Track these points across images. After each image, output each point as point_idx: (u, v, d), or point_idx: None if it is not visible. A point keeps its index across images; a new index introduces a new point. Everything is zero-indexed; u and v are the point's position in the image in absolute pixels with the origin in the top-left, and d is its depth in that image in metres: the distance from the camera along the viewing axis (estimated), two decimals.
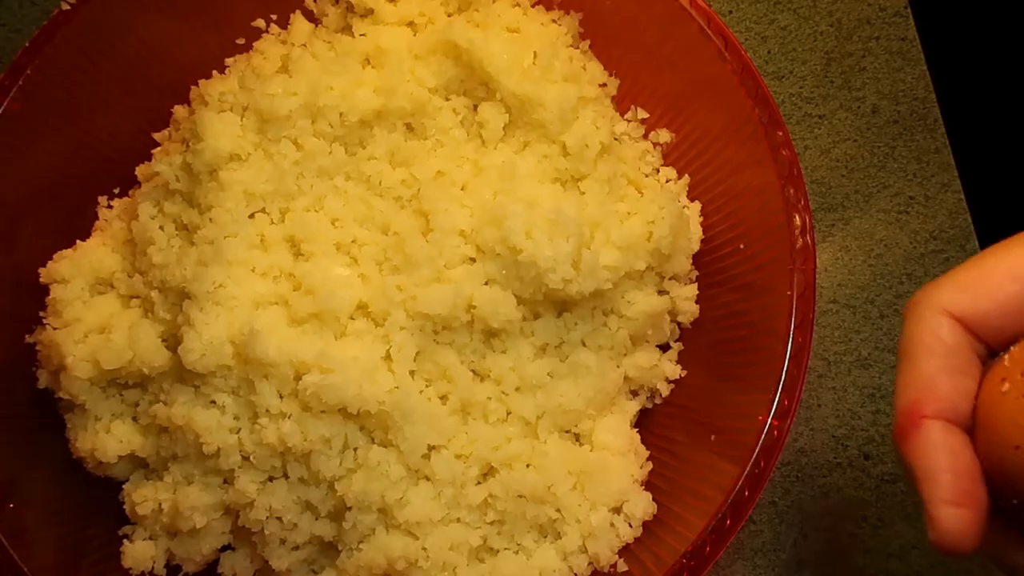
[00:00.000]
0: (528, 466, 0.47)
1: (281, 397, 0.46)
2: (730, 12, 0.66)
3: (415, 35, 0.54)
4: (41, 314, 0.52)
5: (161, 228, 0.52)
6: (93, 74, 0.54)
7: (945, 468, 0.26)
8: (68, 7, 0.52)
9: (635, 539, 0.48)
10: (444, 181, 0.50)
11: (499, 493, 0.46)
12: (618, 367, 0.50)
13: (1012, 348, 0.27)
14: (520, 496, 0.47)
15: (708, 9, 0.50)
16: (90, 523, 0.51)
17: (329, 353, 0.46)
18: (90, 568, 0.49)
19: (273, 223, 0.51)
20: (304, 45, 0.56)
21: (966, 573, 0.53)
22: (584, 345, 0.50)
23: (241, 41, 0.59)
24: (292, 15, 0.59)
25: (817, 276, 0.46)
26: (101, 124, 0.55)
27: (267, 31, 0.59)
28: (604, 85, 0.56)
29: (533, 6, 0.56)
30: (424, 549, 0.46)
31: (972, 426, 0.27)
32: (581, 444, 0.49)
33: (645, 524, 0.48)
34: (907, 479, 0.27)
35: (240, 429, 0.47)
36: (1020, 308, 0.26)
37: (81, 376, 0.48)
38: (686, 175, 0.55)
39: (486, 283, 0.48)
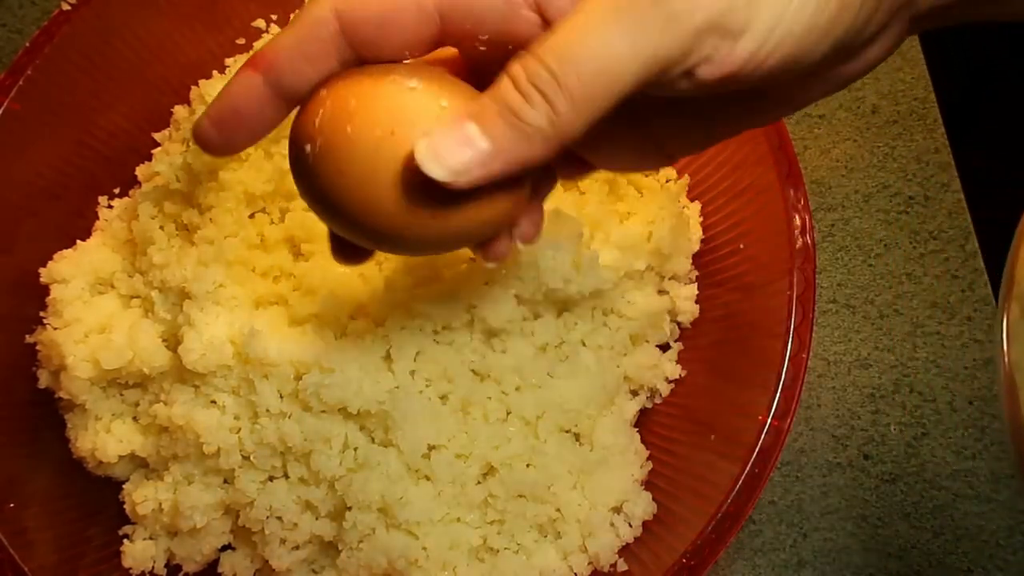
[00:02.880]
0: (528, 466, 0.47)
1: (281, 397, 0.46)
2: None
3: None
4: (41, 314, 0.52)
5: (161, 228, 0.52)
6: (93, 74, 0.54)
7: (230, 101, 0.31)
8: (68, 7, 0.52)
9: (635, 539, 0.48)
10: None
11: (499, 493, 0.46)
12: (618, 367, 0.50)
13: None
14: (520, 496, 0.47)
15: None
16: (90, 523, 0.51)
17: (329, 353, 0.46)
18: (90, 568, 0.49)
19: (273, 223, 0.51)
20: None
21: (966, 573, 0.53)
22: (584, 345, 0.50)
23: (241, 41, 0.59)
24: (292, 15, 0.59)
25: (817, 276, 0.46)
26: (101, 124, 0.55)
27: (267, 31, 0.59)
28: None
29: None
30: (424, 549, 0.46)
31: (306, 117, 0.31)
32: (581, 444, 0.49)
33: (645, 524, 0.48)
34: None
35: (240, 429, 0.47)
36: (387, 24, 0.30)
37: (81, 376, 0.48)
38: (686, 175, 0.55)
39: (486, 283, 0.48)
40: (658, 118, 0.33)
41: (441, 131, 0.27)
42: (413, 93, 0.29)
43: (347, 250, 0.37)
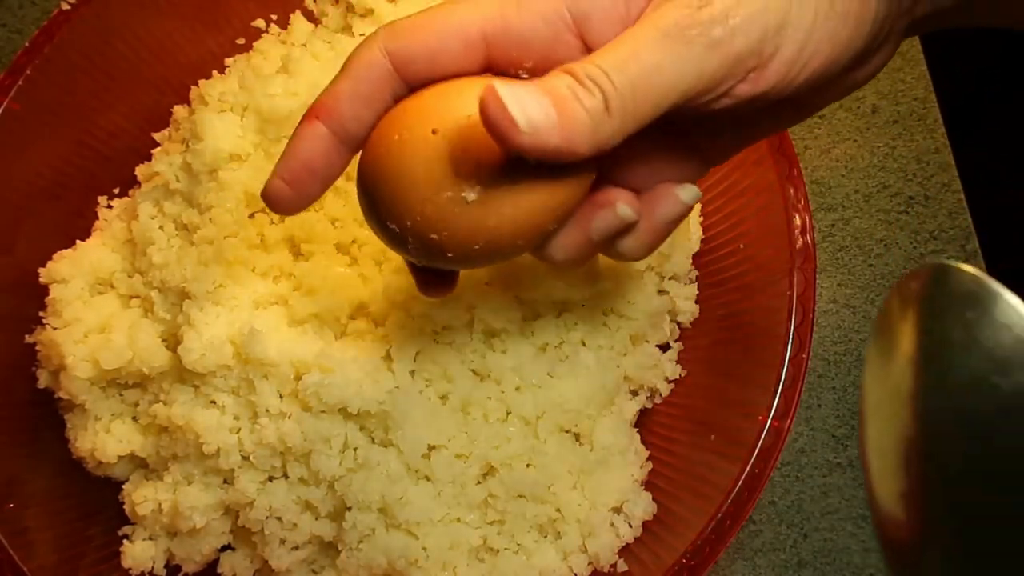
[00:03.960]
0: (528, 466, 0.47)
1: (281, 397, 0.46)
2: None
3: None
4: (41, 314, 0.52)
5: (161, 228, 0.52)
6: (93, 74, 0.54)
7: (300, 156, 0.32)
8: (68, 7, 0.52)
9: (635, 539, 0.48)
10: None
11: (499, 493, 0.46)
12: (618, 367, 0.50)
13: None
14: (520, 496, 0.47)
15: None
16: (90, 523, 0.50)
17: (329, 353, 0.46)
18: (90, 568, 0.49)
19: (273, 223, 0.51)
20: (304, 45, 0.56)
21: None
22: (584, 345, 0.50)
23: (241, 41, 0.59)
24: (292, 15, 0.59)
25: (817, 276, 0.46)
26: (101, 124, 0.55)
27: (267, 31, 0.59)
28: None
29: None
30: (424, 549, 0.46)
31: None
32: (581, 444, 0.49)
33: (645, 524, 0.48)
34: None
35: (240, 429, 0.47)
36: (436, 58, 0.31)
37: (81, 376, 0.48)
38: None
39: (486, 283, 0.48)
40: (692, 127, 0.34)
41: (523, 87, 0.27)
42: (460, 95, 0.30)
43: (431, 281, 0.38)
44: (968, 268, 0.22)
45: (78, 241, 0.54)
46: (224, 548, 0.50)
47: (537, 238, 0.32)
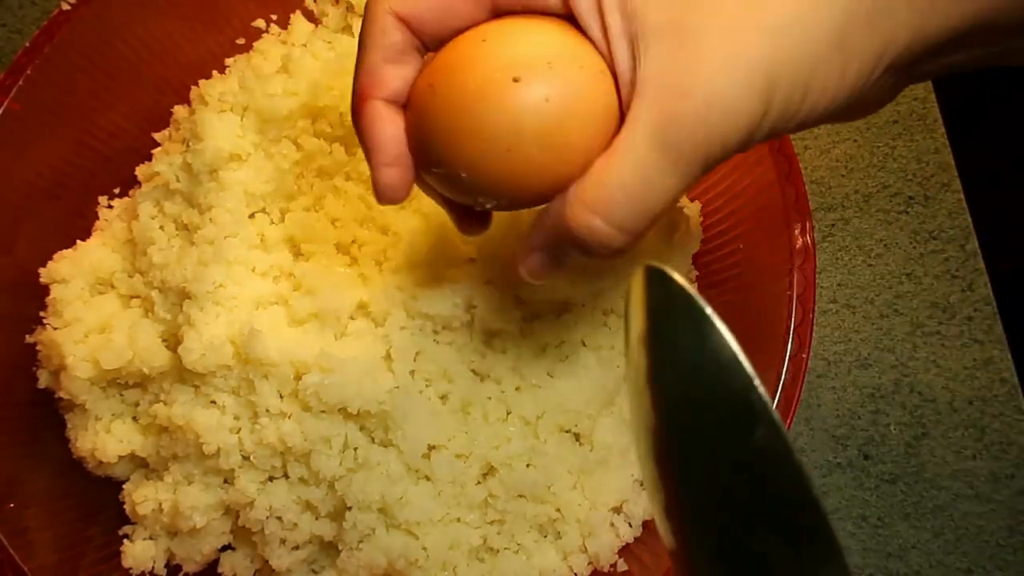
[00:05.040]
0: (528, 466, 0.47)
1: (281, 397, 0.46)
2: None
3: None
4: (41, 314, 0.52)
5: (161, 228, 0.52)
6: (93, 74, 0.54)
7: (383, 135, 0.31)
8: (68, 7, 0.52)
9: (635, 539, 0.48)
10: None
11: (499, 493, 0.46)
12: (618, 367, 0.50)
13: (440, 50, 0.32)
14: (520, 496, 0.47)
15: None
16: (90, 523, 0.50)
17: (329, 353, 0.46)
18: (90, 568, 0.49)
19: (273, 223, 0.51)
20: (304, 45, 0.56)
21: (966, 573, 0.53)
22: (584, 345, 0.50)
23: (241, 41, 0.59)
24: (292, 15, 0.59)
25: (817, 276, 0.46)
26: (101, 124, 0.55)
27: (267, 31, 0.59)
28: None
29: None
30: (424, 549, 0.46)
31: (407, 105, 0.32)
32: (581, 444, 0.49)
33: (645, 524, 0.48)
34: (364, 152, 0.33)
35: (240, 429, 0.47)
36: (445, 14, 0.31)
37: (81, 376, 0.48)
38: None
39: (486, 283, 0.48)
40: None
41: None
42: (484, 45, 0.31)
43: (471, 219, 0.38)
44: (678, 281, 0.24)
45: (78, 241, 0.54)
46: (224, 548, 0.50)
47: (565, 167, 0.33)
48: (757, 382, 0.23)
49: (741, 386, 0.23)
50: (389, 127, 0.32)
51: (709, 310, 0.23)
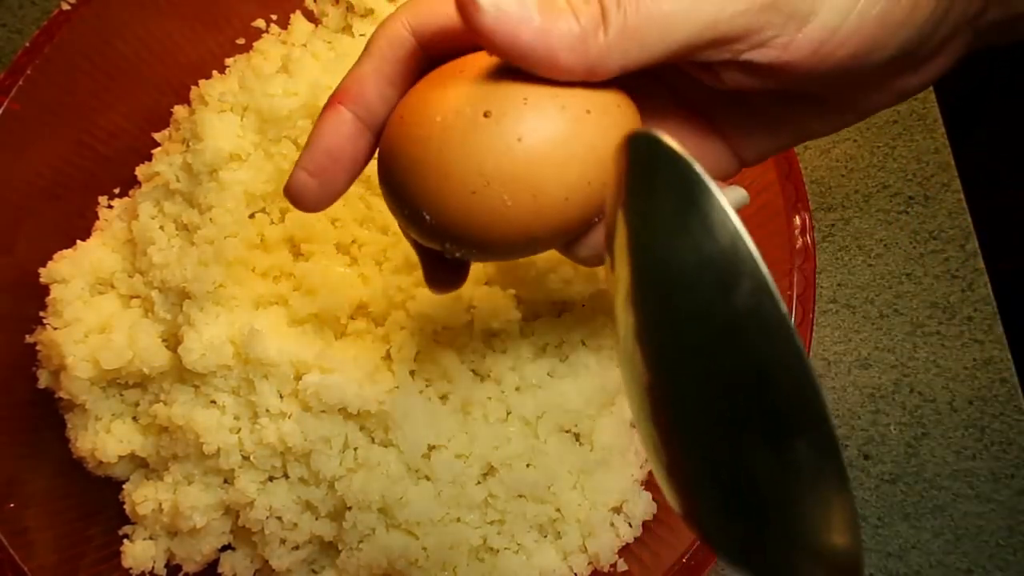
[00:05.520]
0: (528, 466, 0.47)
1: (281, 397, 0.46)
2: None
3: None
4: (41, 314, 0.52)
5: (161, 228, 0.52)
6: (93, 74, 0.54)
7: (325, 144, 0.29)
8: (68, 7, 0.52)
9: (635, 539, 0.48)
10: None
11: (499, 493, 0.46)
12: (618, 367, 0.50)
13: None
14: (520, 496, 0.47)
15: None
16: (90, 523, 0.50)
17: (329, 353, 0.46)
18: (90, 568, 0.49)
19: (273, 223, 0.51)
20: (304, 45, 0.56)
21: (966, 573, 0.53)
22: (584, 345, 0.50)
23: (241, 41, 0.59)
24: (292, 15, 0.59)
25: (817, 276, 0.46)
26: (101, 124, 0.55)
27: (267, 31, 0.59)
28: None
29: None
30: (424, 549, 0.46)
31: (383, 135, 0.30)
32: (581, 444, 0.49)
33: (645, 524, 0.48)
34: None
35: (240, 429, 0.47)
36: (459, 34, 0.28)
37: (81, 376, 0.48)
38: None
39: (486, 283, 0.48)
40: (722, 111, 0.32)
41: None
42: (460, 76, 0.28)
43: (442, 275, 0.34)
44: (674, 148, 0.19)
45: (78, 241, 0.54)
46: (224, 548, 0.50)
47: (580, 230, 0.30)
48: (766, 272, 0.18)
49: (750, 278, 0.19)
50: (334, 137, 0.29)
51: (706, 178, 0.19)
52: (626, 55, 0.26)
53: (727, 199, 0.26)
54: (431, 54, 0.29)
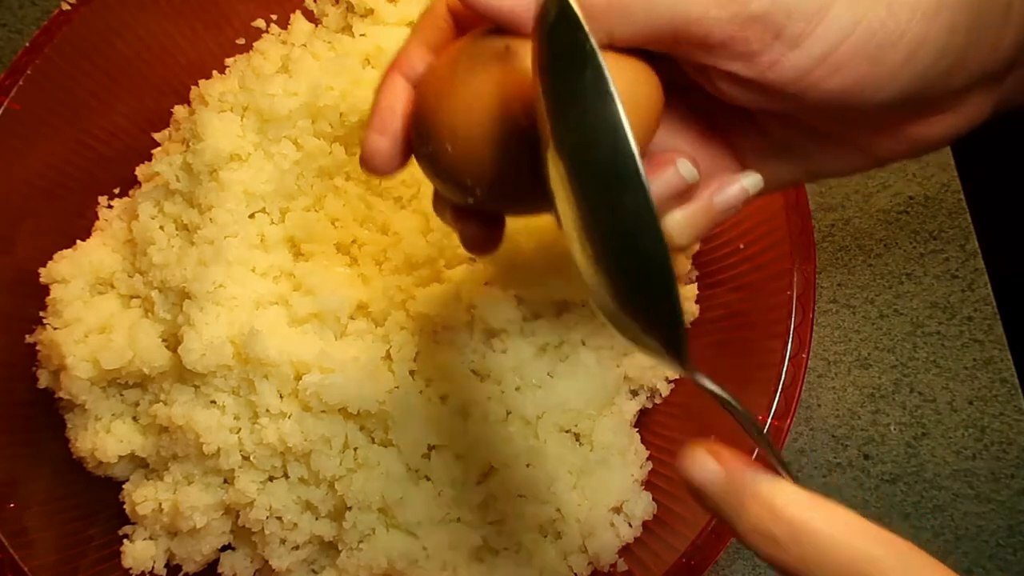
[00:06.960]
0: (528, 466, 0.47)
1: (281, 397, 0.46)
2: None
3: None
4: (41, 314, 0.52)
5: (161, 228, 0.52)
6: (93, 74, 0.54)
7: (383, 104, 0.31)
8: (68, 7, 0.52)
9: (635, 539, 0.48)
10: None
11: (499, 493, 0.46)
12: (618, 367, 0.50)
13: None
14: (520, 496, 0.47)
15: None
16: (90, 523, 0.51)
17: (329, 353, 0.46)
18: (90, 568, 0.49)
19: (273, 223, 0.51)
20: (304, 45, 0.56)
21: (966, 573, 0.53)
22: (584, 345, 0.50)
23: (241, 41, 0.59)
24: (292, 15, 0.59)
25: (817, 276, 0.46)
26: (101, 124, 0.56)
27: (267, 31, 0.59)
28: None
29: None
30: (424, 549, 0.46)
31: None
32: (581, 444, 0.49)
33: (645, 524, 0.48)
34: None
35: (240, 429, 0.47)
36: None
37: (81, 376, 0.48)
38: None
39: (486, 283, 0.48)
40: (740, 136, 0.33)
41: None
42: (487, 32, 0.30)
43: (476, 230, 0.34)
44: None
45: (78, 241, 0.54)
46: (224, 548, 0.50)
47: None
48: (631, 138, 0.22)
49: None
50: (394, 100, 0.31)
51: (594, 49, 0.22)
52: (610, 28, 0.27)
53: (745, 183, 0.31)
54: (462, 25, 0.31)
